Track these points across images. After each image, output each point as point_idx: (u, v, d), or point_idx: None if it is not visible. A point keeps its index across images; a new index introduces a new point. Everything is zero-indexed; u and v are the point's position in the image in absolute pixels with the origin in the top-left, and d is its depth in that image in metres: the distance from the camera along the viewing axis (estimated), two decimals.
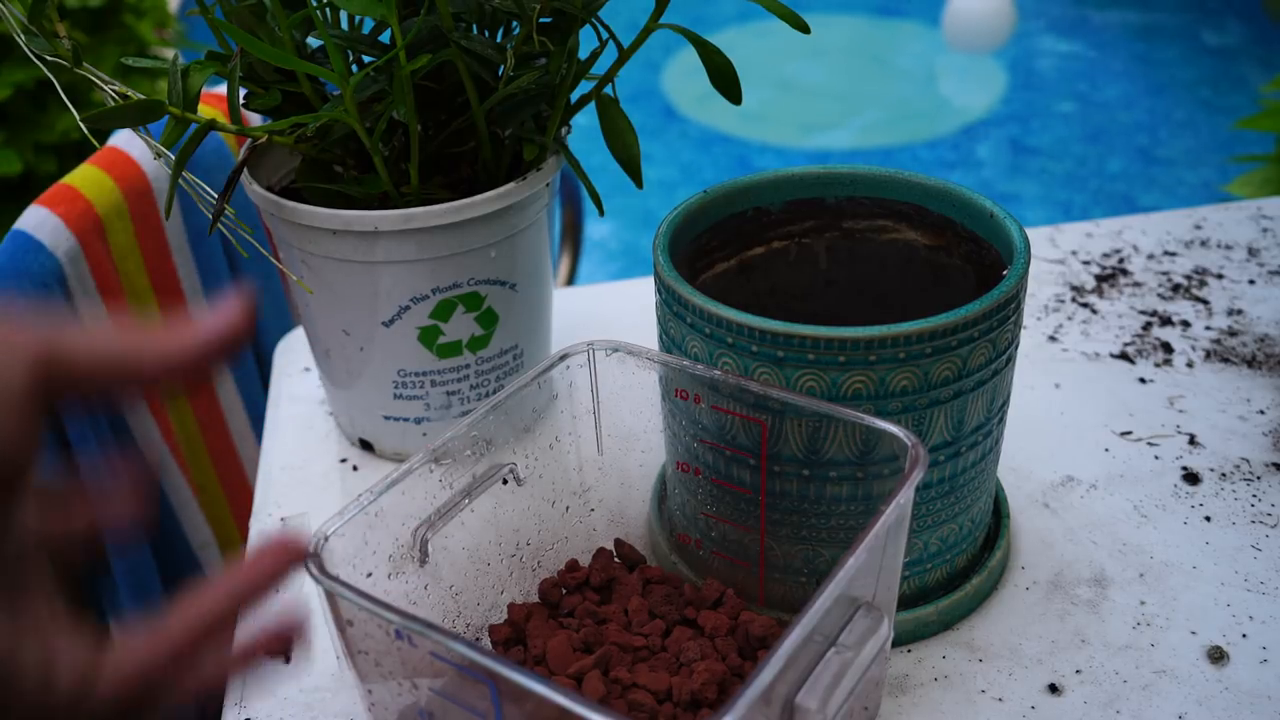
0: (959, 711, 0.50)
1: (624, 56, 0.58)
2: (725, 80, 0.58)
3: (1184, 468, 0.64)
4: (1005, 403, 0.52)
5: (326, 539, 0.42)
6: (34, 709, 0.30)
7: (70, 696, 0.31)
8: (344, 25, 0.61)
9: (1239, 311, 0.78)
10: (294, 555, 0.34)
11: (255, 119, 0.90)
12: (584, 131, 0.68)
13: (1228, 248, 0.85)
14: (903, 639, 0.53)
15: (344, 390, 0.66)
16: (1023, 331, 0.60)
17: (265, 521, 0.64)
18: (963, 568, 0.55)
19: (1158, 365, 0.73)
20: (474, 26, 0.59)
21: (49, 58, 0.55)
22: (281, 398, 0.75)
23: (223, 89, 0.92)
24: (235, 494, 0.96)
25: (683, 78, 3.36)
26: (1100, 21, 3.71)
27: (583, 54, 0.59)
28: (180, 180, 0.57)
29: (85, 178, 0.80)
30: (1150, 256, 0.85)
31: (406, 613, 0.38)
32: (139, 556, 0.83)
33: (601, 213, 0.61)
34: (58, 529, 0.33)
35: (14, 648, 0.30)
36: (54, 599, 0.32)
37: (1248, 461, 0.64)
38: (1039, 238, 0.87)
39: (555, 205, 1.20)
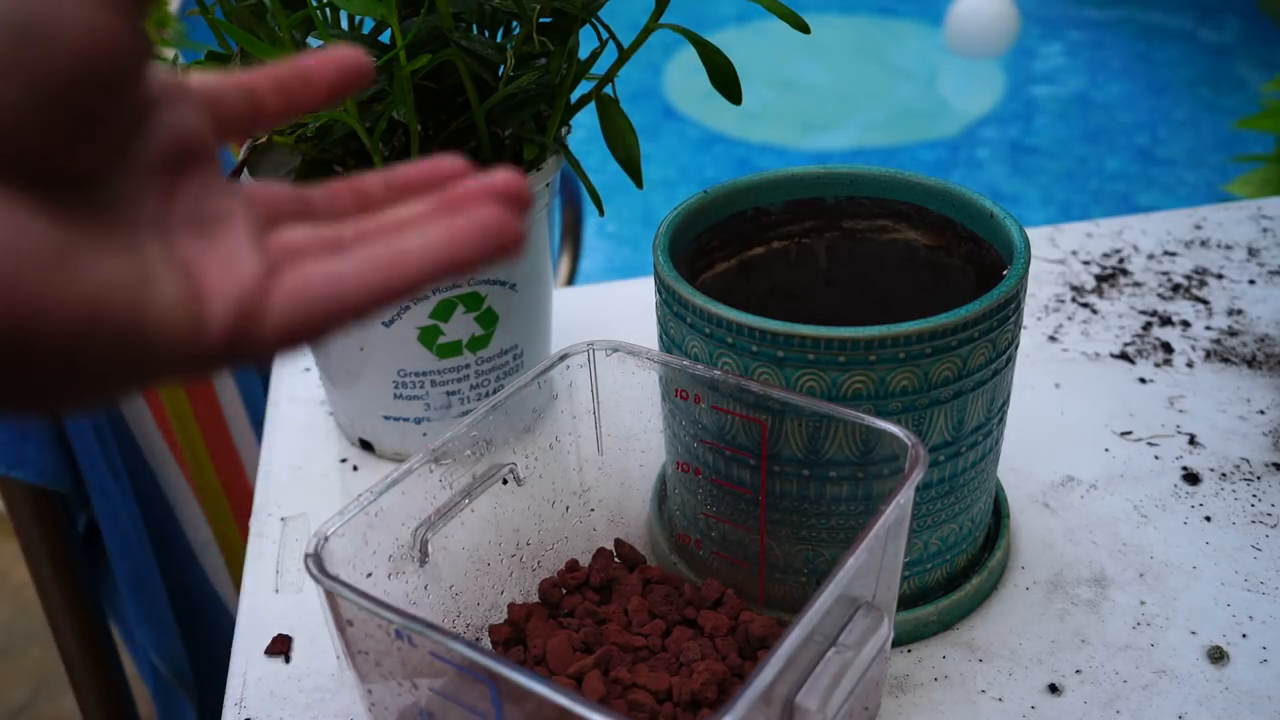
0: (959, 711, 0.50)
1: (624, 56, 0.58)
2: (725, 80, 0.58)
3: (1184, 468, 0.64)
4: (1005, 403, 0.52)
5: (326, 539, 0.42)
6: (183, 359, 0.24)
7: (229, 337, 0.24)
8: (344, 25, 0.61)
9: (1239, 311, 0.78)
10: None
11: None
12: (584, 131, 0.68)
13: (1228, 248, 0.85)
14: (903, 639, 0.53)
15: (344, 390, 0.66)
16: (1023, 331, 0.60)
17: (265, 521, 0.64)
18: (963, 568, 0.55)
19: (1158, 365, 0.73)
20: (474, 26, 0.59)
21: None
22: (281, 398, 0.75)
23: None
24: (235, 494, 0.97)
25: (683, 78, 3.36)
26: (1100, 21, 3.71)
27: (583, 54, 0.59)
28: None
29: None
30: (1150, 256, 0.85)
31: (406, 613, 0.38)
32: (139, 557, 0.83)
33: (601, 213, 0.61)
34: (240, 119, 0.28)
35: (139, 289, 0.23)
36: (223, 233, 0.25)
37: (1248, 461, 0.64)
38: (1039, 238, 0.87)
39: (555, 205, 1.20)
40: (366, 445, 0.68)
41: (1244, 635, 0.53)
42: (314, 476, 0.67)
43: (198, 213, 0.26)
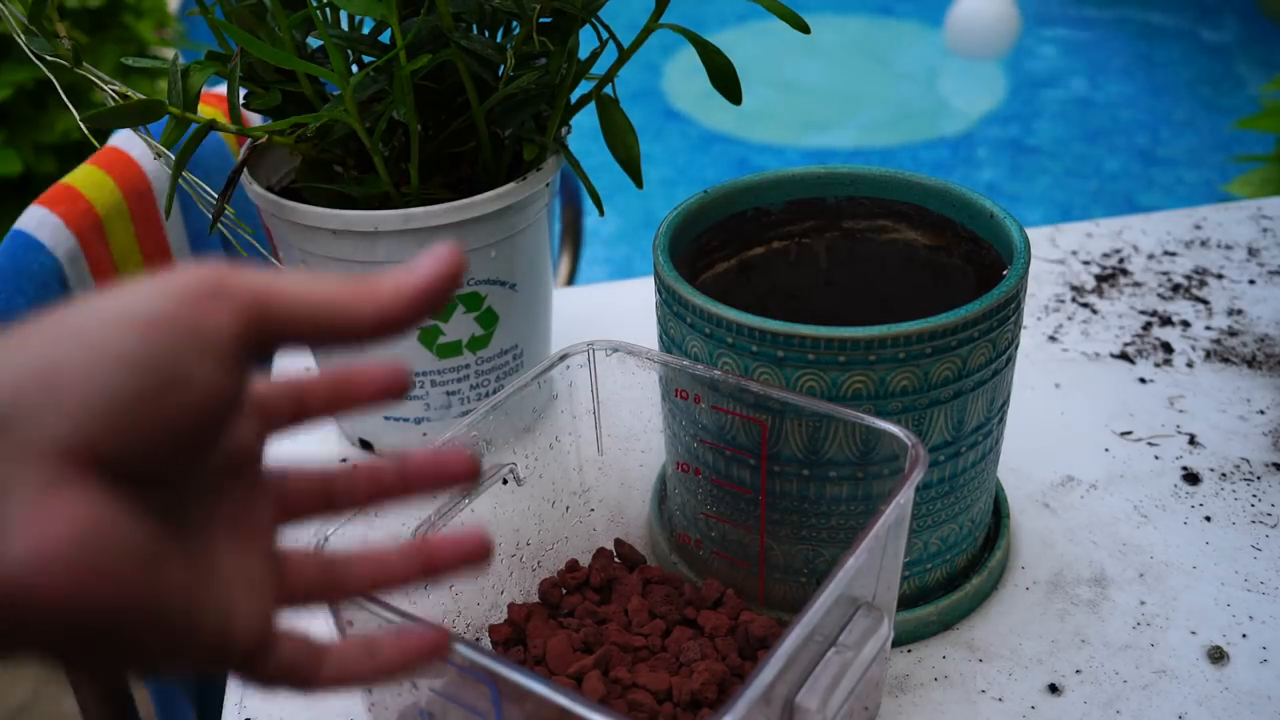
0: (959, 711, 0.50)
1: (624, 56, 0.58)
2: (725, 80, 0.58)
3: (1184, 468, 0.64)
4: (1005, 403, 0.52)
5: (326, 539, 0.42)
6: (207, 660, 0.29)
7: (245, 654, 0.29)
8: (344, 25, 0.61)
9: (1239, 311, 0.78)
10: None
11: (255, 119, 0.90)
12: (584, 131, 0.68)
13: (1228, 248, 0.85)
14: (903, 639, 0.53)
15: None
16: (1023, 331, 0.60)
17: None
18: (963, 568, 0.55)
19: (1158, 365, 0.73)
20: (474, 26, 0.59)
21: (49, 58, 0.55)
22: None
23: (223, 89, 0.92)
24: None
25: (683, 78, 3.36)
26: (1100, 21, 3.71)
27: (583, 54, 0.59)
28: (180, 180, 0.57)
29: (85, 178, 0.80)
30: (1150, 256, 0.85)
31: (406, 613, 0.38)
32: None
33: (601, 213, 0.61)
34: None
35: (196, 593, 0.28)
36: (252, 543, 0.31)
37: (1248, 461, 0.64)
38: (1039, 238, 0.87)
39: (555, 205, 1.20)
40: (366, 445, 0.68)
41: (1244, 635, 0.53)
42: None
43: (237, 518, 0.31)
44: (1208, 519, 0.60)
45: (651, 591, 0.52)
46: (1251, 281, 0.81)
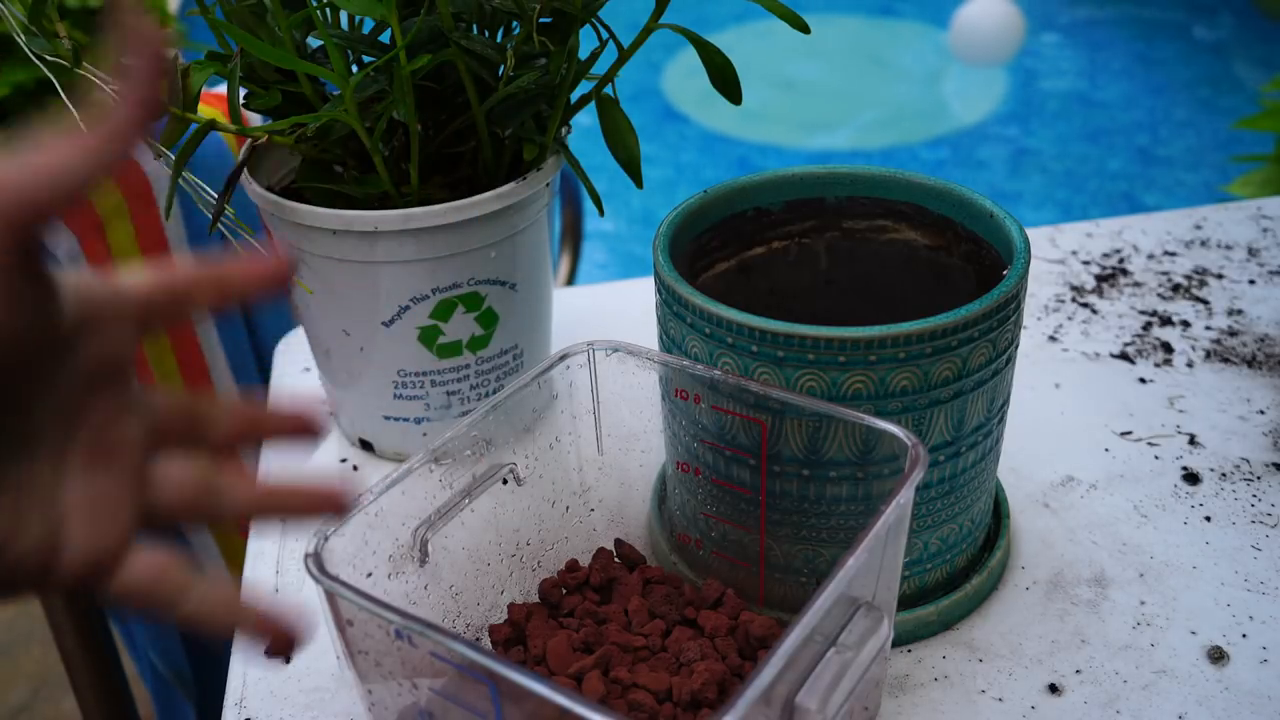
0: (959, 711, 0.50)
1: (624, 56, 0.58)
2: (725, 80, 0.58)
3: (1184, 468, 0.64)
4: (1005, 403, 0.52)
5: (326, 539, 0.42)
6: (30, 585, 0.28)
7: (77, 579, 0.29)
8: (344, 25, 0.61)
9: (1239, 311, 0.78)
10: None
11: (255, 119, 0.90)
12: (584, 131, 0.68)
13: (1228, 248, 0.85)
14: (903, 639, 0.53)
15: (344, 390, 0.66)
16: (1023, 331, 0.60)
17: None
18: (963, 568, 0.55)
19: (1158, 365, 0.73)
20: (474, 26, 0.59)
21: (49, 58, 0.55)
22: (282, 398, 0.75)
23: (223, 89, 0.92)
24: None
25: (683, 78, 3.36)
26: (1100, 21, 3.71)
27: (583, 54, 0.59)
28: (180, 180, 0.57)
29: None
30: (1150, 256, 0.85)
31: (406, 613, 0.38)
32: None
33: (601, 213, 0.61)
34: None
35: (14, 527, 0.27)
36: (111, 463, 0.29)
37: (1248, 461, 0.64)
38: (1039, 238, 0.87)
39: (555, 205, 1.20)
40: (366, 445, 0.68)
41: (1244, 635, 0.53)
42: (314, 477, 0.67)
43: (97, 440, 0.29)
44: (1208, 519, 0.60)
45: (651, 591, 0.52)
46: (1251, 281, 0.81)
